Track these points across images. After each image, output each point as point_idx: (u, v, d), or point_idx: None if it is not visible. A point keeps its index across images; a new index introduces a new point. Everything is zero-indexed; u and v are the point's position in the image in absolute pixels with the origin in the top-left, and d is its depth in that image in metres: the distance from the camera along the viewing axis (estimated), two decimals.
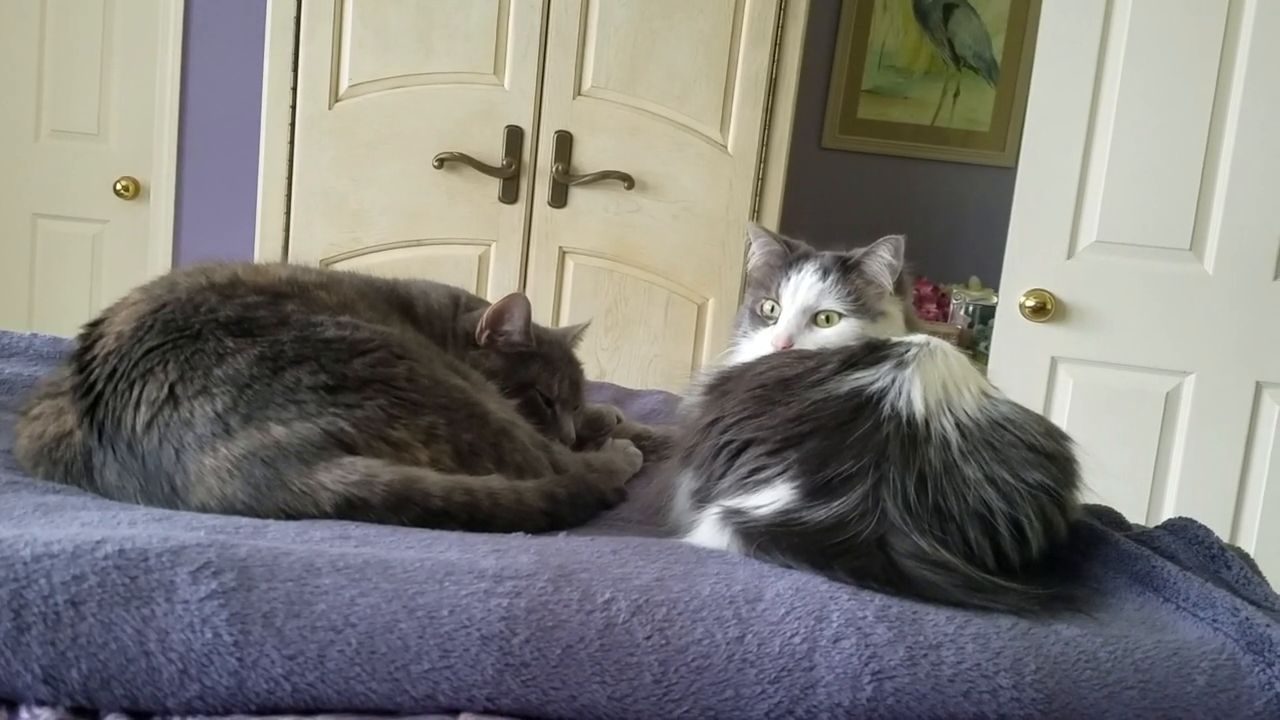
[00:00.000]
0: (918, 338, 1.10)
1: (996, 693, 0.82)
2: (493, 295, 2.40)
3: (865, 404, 1.01)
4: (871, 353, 1.07)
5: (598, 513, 1.21)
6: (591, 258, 2.66)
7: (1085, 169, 2.31)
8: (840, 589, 0.90)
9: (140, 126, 3.33)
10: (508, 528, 1.04)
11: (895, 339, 1.11)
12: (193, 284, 1.16)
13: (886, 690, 0.81)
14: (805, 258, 1.24)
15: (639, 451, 1.45)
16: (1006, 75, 3.26)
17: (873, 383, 1.02)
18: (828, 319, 1.20)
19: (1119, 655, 0.87)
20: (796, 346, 1.19)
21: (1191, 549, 1.13)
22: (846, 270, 1.22)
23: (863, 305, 1.20)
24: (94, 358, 1.12)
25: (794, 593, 0.88)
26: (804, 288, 1.21)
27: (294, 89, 2.61)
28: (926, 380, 1.02)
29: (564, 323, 2.58)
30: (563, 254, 2.67)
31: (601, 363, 2.62)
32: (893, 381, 1.02)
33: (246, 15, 2.96)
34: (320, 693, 0.77)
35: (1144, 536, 1.16)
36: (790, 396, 1.04)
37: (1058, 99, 2.30)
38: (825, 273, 1.21)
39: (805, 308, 1.20)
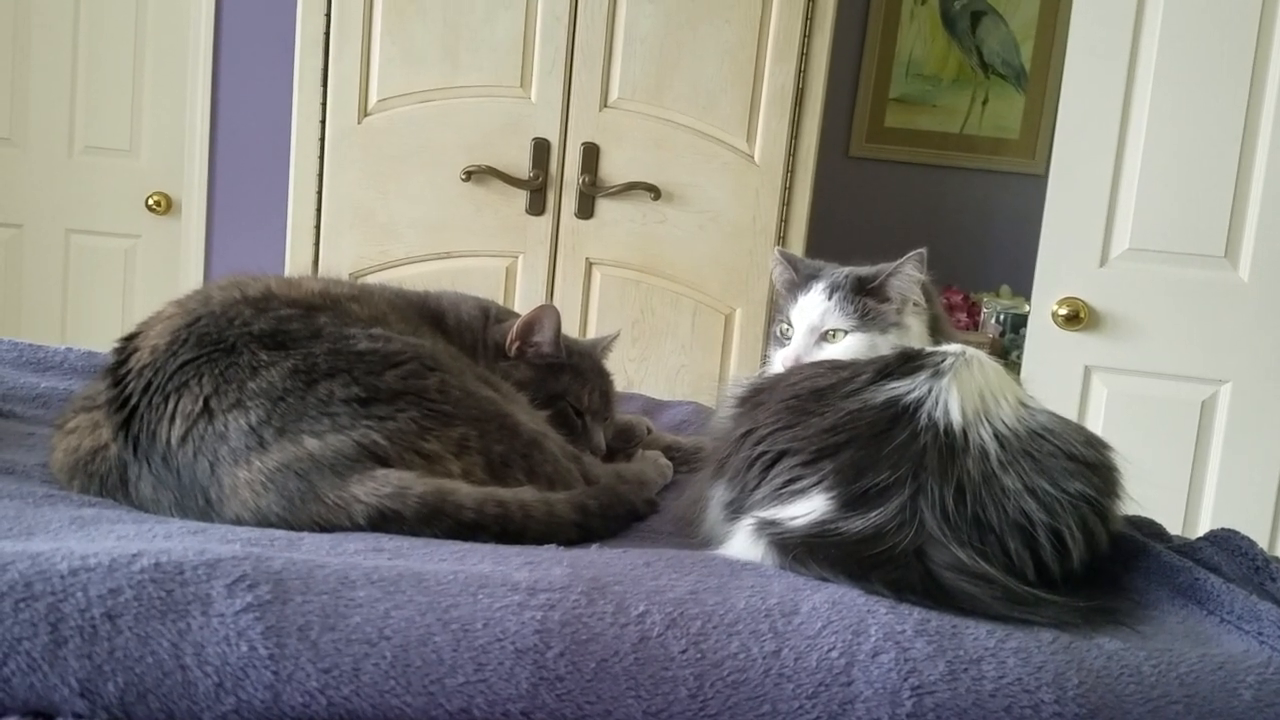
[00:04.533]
0: (953, 347, 1.09)
1: (1039, 708, 0.81)
2: (520, 307, 2.40)
3: (902, 414, 1.00)
4: (906, 362, 1.06)
5: (629, 524, 1.20)
6: (618, 269, 2.66)
7: (1117, 175, 2.28)
8: (878, 602, 0.88)
9: (171, 142, 3.37)
10: (540, 540, 1.03)
11: (930, 349, 1.10)
12: (226, 297, 1.17)
13: (927, 705, 0.80)
14: (814, 278, 1.27)
15: (670, 463, 1.44)
16: (1035, 82, 3.24)
17: (909, 393, 1.01)
18: (834, 336, 1.23)
19: (1163, 669, 0.86)
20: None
21: (1235, 560, 1.10)
22: (859, 289, 1.24)
23: (871, 319, 1.22)
24: (129, 371, 1.13)
25: (831, 606, 0.87)
26: (810, 308, 1.25)
27: (323, 104, 2.63)
28: (964, 390, 1.01)
29: (592, 334, 2.59)
30: (590, 265, 2.67)
31: (629, 373, 2.61)
32: (929, 391, 1.01)
33: (276, 32, 2.99)
34: (355, 706, 0.76)
35: (1186, 548, 1.14)
36: (825, 407, 1.03)
37: (1089, 105, 2.28)
38: (831, 292, 1.24)
39: (812, 327, 1.24)
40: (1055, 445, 1.00)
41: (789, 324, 1.26)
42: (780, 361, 1.25)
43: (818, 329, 1.23)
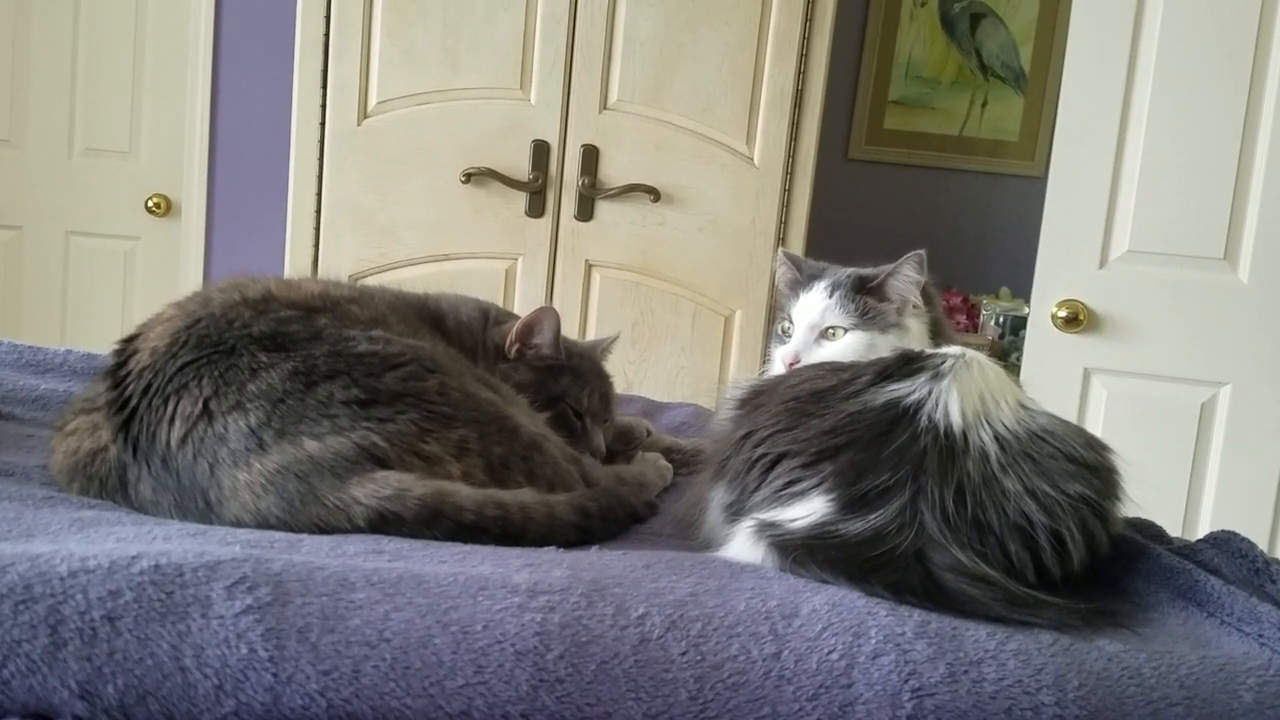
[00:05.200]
0: (953, 349, 1.09)
1: (1039, 710, 0.81)
2: (520, 309, 2.40)
3: (902, 416, 1.00)
4: (906, 364, 1.06)
5: (629, 526, 1.20)
6: (618, 271, 2.66)
7: (1117, 177, 2.28)
8: (878, 604, 0.88)
9: (171, 144, 3.37)
10: (539, 542, 1.03)
11: (929, 350, 1.10)
12: (226, 299, 1.17)
13: (927, 708, 0.80)
14: (816, 277, 1.29)
15: (669, 465, 1.44)
16: (1035, 84, 3.24)
17: (909, 394, 1.01)
18: (834, 334, 1.24)
19: (1163, 671, 0.86)
20: (804, 362, 1.23)
21: (1235, 563, 1.10)
22: (859, 288, 1.24)
23: (870, 318, 1.23)
24: (129, 373, 1.13)
25: (831, 608, 0.87)
26: (810, 306, 1.26)
27: (323, 106, 2.63)
28: (964, 392, 1.01)
29: (591, 336, 2.59)
30: (589, 267, 2.67)
31: (628, 375, 2.61)
32: (929, 393, 1.01)
33: (276, 34, 2.99)
34: (355, 708, 0.76)
35: (1186, 550, 1.14)
36: (825, 409, 1.03)
37: (1088, 107, 2.28)
38: (832, 290, 1.25)
39: (812, 324, 1.25)
40: (1055, 447, 1.00)
41: (790, 321, 1.27)
42: (780, 358, 1.26)
43: (818, 326, 1.24)
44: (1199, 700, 0.84)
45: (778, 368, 1.26)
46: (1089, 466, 1.01)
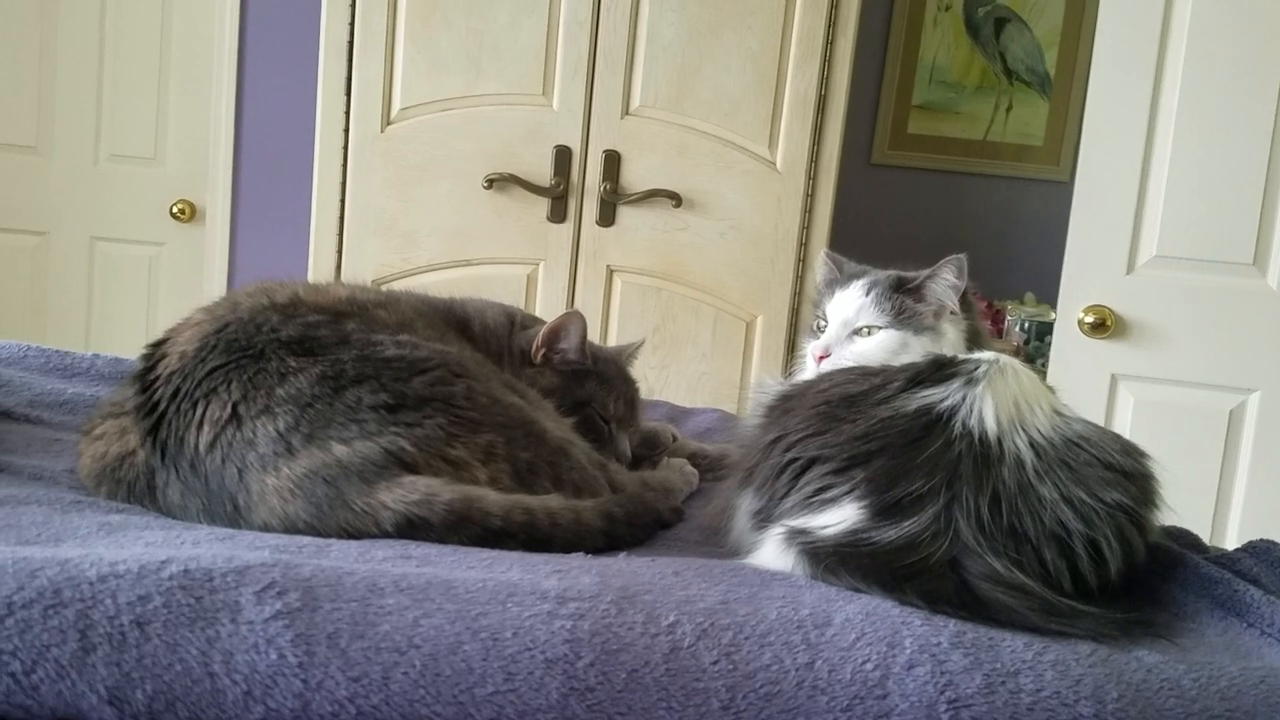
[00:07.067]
0: (986, 355, 1.08)
1: None
2: (542, 314, 2.40)
3: (935, 422, 0.99)
4: (939, 370, 1.04)
5: (655, 532, 1.19)
6: (639, 276, 2.66)
7: (1144, 182, 2.26)
8: (912, 613, 0.87)
9: (196, 150, 3.38)
10: (566, 547, 1.03)
11: (962, 356, 1.09)
12: (254, 304, 1.17)
13: (964, 719, 0.78)
14: (856, 277, 1.28)
15: (695, 470, 1.44)
16: (1060, 89, 3.21)
17: (942, 400, 1.00)
18: (868, 332, 1.23)
19: (1204, 683, 0.84)
20: (834, 356, 1.23)
21: (1274, 572, 1.09)
22: (897, 289, 1.23)
23: (905, 319, 1.22)
24: (157, 377, 1.13)
25: (864, 617, 0.86)
26: (846, 303, 1.25)
27: (347, 112, 2.64)
28: (998, 398, 1.00)
29: (612, 341, 2.58)
30: (610, 272, 2.66)
31: (650, 381, 2.60)
32: (963, 399, 1.00)
33: (300, 40, 3.00)
34: (385, 716, 0.76)
35: (1224, 559, 1.12)
36: (856, 414, 1.02)
37: (1115, 112, 2.26)
38: (869, 289, 1.24)
39: (845, 321, 1.24)
40: (1091, 454, 0.99)
41: (825, 319, 1.26)
42: (811, 351, 1.25)
43: (851, 323, 1.24)
44: (1241, 713, 0.83)
45: (808, 362, 1.25)
46: (1126, 474, 1.00)
